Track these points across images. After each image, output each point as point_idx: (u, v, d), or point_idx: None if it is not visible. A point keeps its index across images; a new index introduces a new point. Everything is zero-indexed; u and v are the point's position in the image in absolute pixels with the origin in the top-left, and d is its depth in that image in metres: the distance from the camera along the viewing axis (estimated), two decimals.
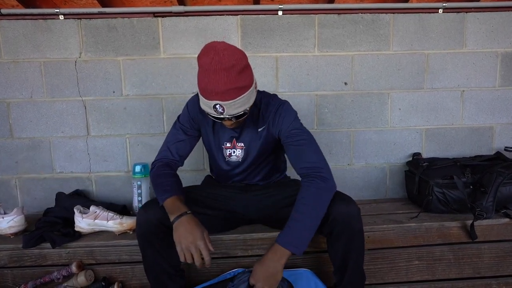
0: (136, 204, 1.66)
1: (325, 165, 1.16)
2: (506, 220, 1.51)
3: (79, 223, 1.45)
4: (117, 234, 1.46)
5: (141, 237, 1.16)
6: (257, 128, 1.28)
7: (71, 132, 1.79)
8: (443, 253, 1.49)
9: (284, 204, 1.31)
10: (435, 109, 1.88)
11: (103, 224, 1.46)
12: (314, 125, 1.85)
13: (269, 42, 1.77)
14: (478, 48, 1.84)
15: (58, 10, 1.68)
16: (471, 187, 1.55)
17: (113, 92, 1.77)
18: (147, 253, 1.17)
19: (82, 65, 1.74)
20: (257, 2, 1.75)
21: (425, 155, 1.90)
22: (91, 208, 1.48)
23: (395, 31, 1.80)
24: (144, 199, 1.65)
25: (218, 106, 1.05)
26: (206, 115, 1.23)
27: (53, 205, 1.69)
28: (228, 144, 1.32)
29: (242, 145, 1.31)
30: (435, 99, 1.87)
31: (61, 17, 1.70)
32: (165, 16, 1.73)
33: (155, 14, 1.73)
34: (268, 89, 1.56)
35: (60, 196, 1.70)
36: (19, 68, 1.73)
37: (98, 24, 1.72)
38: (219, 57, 1.00)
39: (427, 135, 1.90)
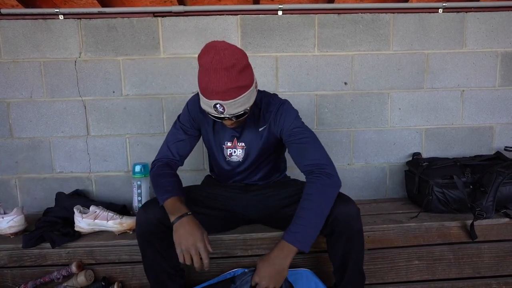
0: (136, 204, 1.66)
1: (329, 162, 1.16)
2: (506, 220, 1.51)
3: (79, 223, 1.45)
4: (117, 234, 1.46)
5: (141, 237, 1.16)
6: (258, 128, 1.28)
7: (71, 132, 1.79)
8: (443, 253, 1.49)
9: (284, 204, 1.31)
10: (435, 109, 1.88)
11: (103, 224, 1.45)
12: (314, 125, 1.85)
13: (269, 42, 1.77)
14: (478, 48, 1.84)
15: (58, 10, 1.68)
16: (471, 187, 1.55)
17: (113, 92, 1.77)
18: (147, 253, 1.17)
19: (82, 65, 1.74)
20: (257, 2, 1.75)
21: (425, 155, 1.90)
22: (91, 208, 1.48)
23: (395, 31, 1.80)
24: (144, 199, 1.65)
25: (219, 106, 1.05)
26: (207, 115, 1.23)
27: (53, 205, 1.69)
28: (229, 144, 1.32)
29: (243, 144, 1.31)
30: (435, 99, 1.87)
31: (61, 17, 1.70)
32: (165, 16, 1.73)
33: (155, 14, 1.73)
34: (268, 89, 1.56)
35: (60, 196, 1.70)
36: (19, 68, 1.73)
37: (98, 24, 1.72)
38: (220, 56, 1.00)
39: (427, 135, 1.90)
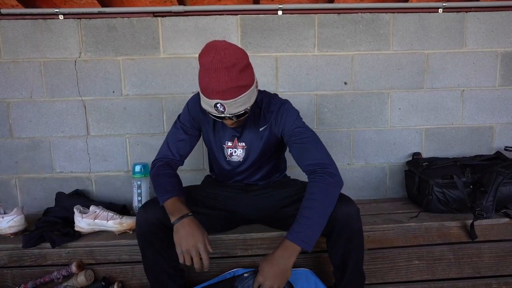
0: (136, 204, 1.66)
1: (331, 161, 1.16)
2: (506, 220, 1.51)
3: (79, 223, 1.45)
4: (117, 234, 1.46)
5: (141, 237, 1.16)
6: (259, 128, 1.28)
7: (71, 132, 1.79)
8: (443, 252, 1.49)
9: (284, 204, 1.31)
10: (435, 109, 1.88)
11: (103, 224, 1.45)
12: (314, 124, 1.85)
13: (269, 42, 1.77)
14: (478, 48, 1.84)
15: (58, 10, 1.68)
16: (471, 186, 1.55)
17: (113, 92, 1.77)
18: (147, 253, 1.17)
19: (82, 65, 1.74)
20: (257, 1, 1.75)
21: (425, 154, 1.90)
22: (91, 208, 1.48)
23: (395, 30, 1.80)
24: (144, 199, 1.65)
25: (219, 105, 1.05)
26: (207, 114, 1.23)
27: (53, 205, 1.69)
28: (229, 144, 1.32)
29: (243, 144, 1.31)
30: (435, 99, 1.87)
31: (60, 17, 1.70)
32: (164, 15, 1.73)
33: (154, 14, 1.73)
34: (268, 88, 1.56)
35: (60, 196, 1.70)
36: (19, 68, 1.73)
37: (98, 24, 1.72)
38: (220, 56, 1.00)
39: (427, 134, 1.90)
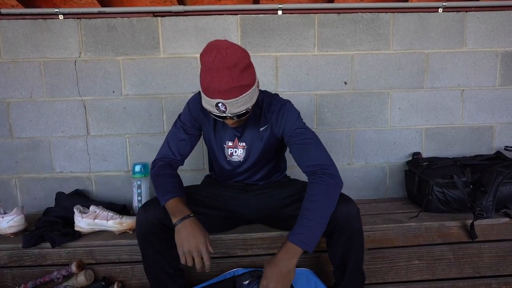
0: (136, 204, 1.66)
1: (331, 163, 1.16)
2: (506, 220, 1.51)
3: (79, 222, 1.45)
4: (117, 233, 1.46)
5: (141, 237, 1.16)
6: (259, 128, 1.28)
7: (71, 132, 1.79)
8: (443, 252, 1.49)
9: (284, 204, 1.31)
10: (435, 109, 1.87)
11: (103, 224, 1.46)
12: (314, 124, 1.85)
13: (269, 41, 1.77)
14: (478, 47, 1.84)
15: (58, 10, 1.68)
16: (471, 186, 1.55)
17: (113, 92, 1.77)
18: (147, 253, 1.17)
19: (82, 65, 1.74)
20: (256, 1, 1.75)
21: (425, 154, 1.90)
22: (91, 208, 1.48)
23: (395, 30, 1.80)
24: (144, 199, 1.65)
25: (221, 105, 1.05)
26: (208, 114, 1.23)
27: (53, 204, 1.69)
28: (230, 144, 1.32)
29: (244, 144, 1.31)
30: (435, 99, 1.87)
31: (60, 16, 1.70)
32: (164, 15, 1.73)
33: (154, 14, 1.73)
34: (268, 88, 1.56)
35: (60, 195, 1.70)
36: (18, 68, 1.73)
37: (98, 24, 1.72)
38: (222, 55, 1.00)
39: (427, 134, 1.90)
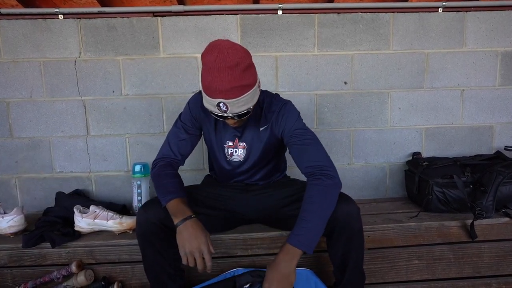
0: (135, 203, 1.66)
1: (330, 164, 1.16)
2: (506, 220, 1.51)
3: (78, 222, 1.45)
4: (117, 233, 1.46)
5: (141, 237, 1.16)
6: (259, 128, 1.28)
7: (71, 131, 1.79)
8: (443, 252, 1.49)
9: (284, 203, 1.31)
10: (435, 109, 1.87)
11: (102, 224, 1.45)
12: (314, 124, 1.85)
13: (269, 41, 1.77)
14: (478, 47, 1.84)
15: (58, 10, 1.68)
16: (471, 186, 1.55)
17: (113, 92, 1.77)
18: (147, 253, 1.17)
19: (82, 64, 1.74)
20: (256, 1, 1.75)
21: (425, 154, 1.90)
22: (90, 208, 1.48)
23: (395, 30, 1.80)
24: (144, 199, 1.65)
25: (222, 104, 1.05)
26: (208, 114, 1.23)
27: (53, 204, 1.69)
28: (230, 143, 1.32)
29: (244, 144, 1.31)
30: (435, 99, 1.87)
31: (60, 16, 1.70)
32: (164, 15, 1.73)
33: (154, 14, 1.73)
34: (267, 88, 1.55)
35: (60, 195, 1.70)
36: (18, 67, 1.73)
37: (98, 24, 1.72)
38: (224, 55, 1.00)
39: (427, 134, 1.90)
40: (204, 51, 1.04)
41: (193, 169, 1.85)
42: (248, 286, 1.18)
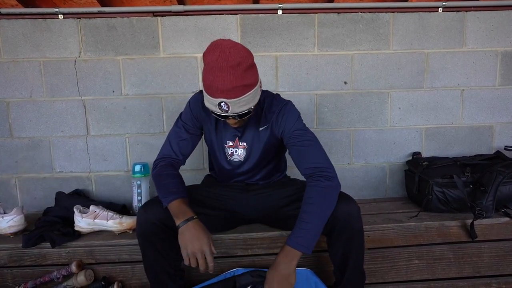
0: (135, 203, 1.66)
1: (330, 165, 1.16)
2: (506, 219, 1.51)
3: (78, 222, 1.45)
4: (117, 233, 1.46)
5: (142, 237, 1.16)
6: (258, 128, 1.28)
7: (71, 131, 1.79)
8: (443, 252, 1.49)
9: (284, 203, 1.31)
10: (435, 108, 1.87)
11: (102, 224, 1.45)
12: (313, 124, 1.85)
13: (269, 41, 1.77)
14: (478, 47, 1.84)
15: (58, 10, 1.68)
16: (471, 186, 1.55)
17: (113, 92, 1.77)
18: (147, 253, 1.17)
19: (82, 64, 1.74)
20: (256, 1, 1.75)
21: (425, 154, 1.90)
22: (90, 208, 1.48)
23: (395, 30, 1.80)
24: (144, 199, 1.65)
25: (223, 104, 1.05)
26: (209, 113, 1.22)
27: (52, 204, 1.69)
28: (230, 143, 1.32)
29: (245, 144, 1.31)
30: (435, 98, 1.87)
31: (60, 16, 1.70)
32: (164, 15, 1.73)
33: (154, 14, 1.73)
34: (267, 88, 1.55)
35: (59, 195, 1.70)
36: (18, 67, 1.73)
37: (98, 24, 1.72)
38: (225, 54, 0.99)
39: (427, 134, 1.90)
40: (206, 50, 1.04)
41: (193, 169, 1.85)
42: (250, 287, 1.18)
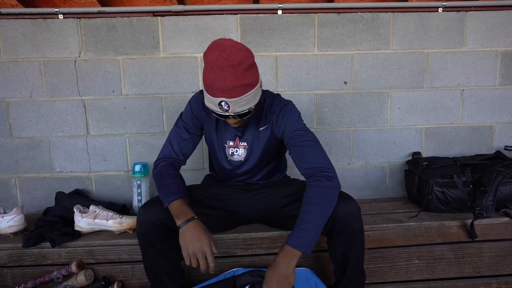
0: (135, 203, 1.66)
1: (330, 165, 1.16)
2: (506, 219, 1.51)
3: (78, 222, 1.45)
4: (117, 233, 1.46)
5: (142, 237, 1.16)
6: (259, 128, 1.28)
7: (71, 131, 1.79)
8: (443, 252, 1.49)
9: (284, 203, 1.31)
10: (435, 108, 1.87)
11: (102, 224, 1.45)
12: (313, 124, 1.85)
13: (269, 41, 1.77)
14: (478, 47, 1.84)
15: (58, 10, 1.68)
16: (471, 186, 1.55)
17: (113, 92, 1.77)
18: (147, 253, 1.17)
19: (82, 64, 1.74)
20: (256, 1, 1.75)
21: (425, 154, 1.90)
22: (90, 208, 1.48)
23: (395, 30, 1.80)
24: (144, 199, 1.65)
25: (224, 104, 1.04)
26: (210, 113, 1.22)
27: (53, 204, 1.69)
28: (231, 143, 1.32)
29: (245, 144, 1.31)
30: (435, 98, 1.87)
31: (60, 16, 1.70)
32: (164, 15, 1.73)
33: (154, 13, 1.73)
34: (268, 88, 1.55)
35: (59, 195, 1.70)
36: (18, 67, 1.73)
37: (98, 24, 1.72)
38: (226, 54, 0.99)
39: (427, 134, 1.90)
40: (206, 49, 1.04)
41: (193, 169, 1.85)
42: (248, 287, 1.18)
